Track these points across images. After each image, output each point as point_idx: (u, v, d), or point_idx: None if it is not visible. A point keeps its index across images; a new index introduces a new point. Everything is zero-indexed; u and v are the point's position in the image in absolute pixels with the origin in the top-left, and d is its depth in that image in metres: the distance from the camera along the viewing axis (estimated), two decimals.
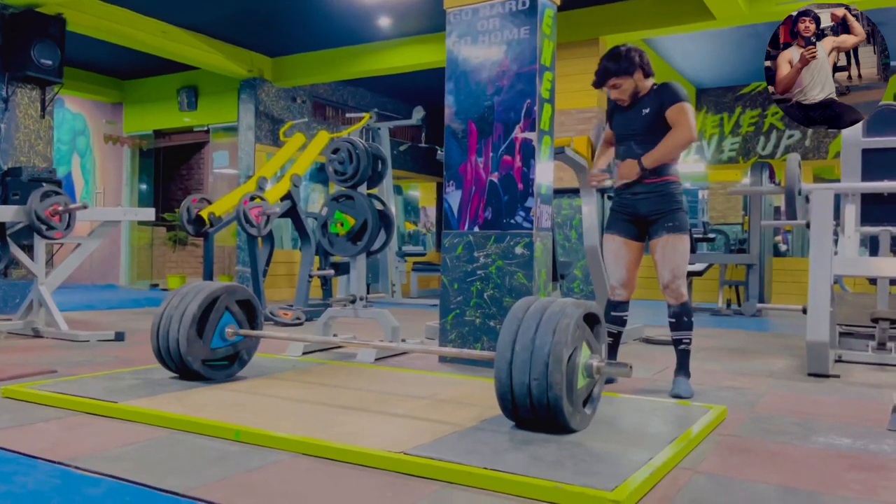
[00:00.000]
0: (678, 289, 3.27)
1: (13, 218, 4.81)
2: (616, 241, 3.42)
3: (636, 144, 3.30)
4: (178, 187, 11.65)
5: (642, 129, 3.28)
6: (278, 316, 6.15)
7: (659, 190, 3.27)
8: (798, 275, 8.74)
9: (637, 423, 2.59)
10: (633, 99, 3.32)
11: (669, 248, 3.25)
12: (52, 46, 6.74)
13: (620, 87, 3.28)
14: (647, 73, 3.31)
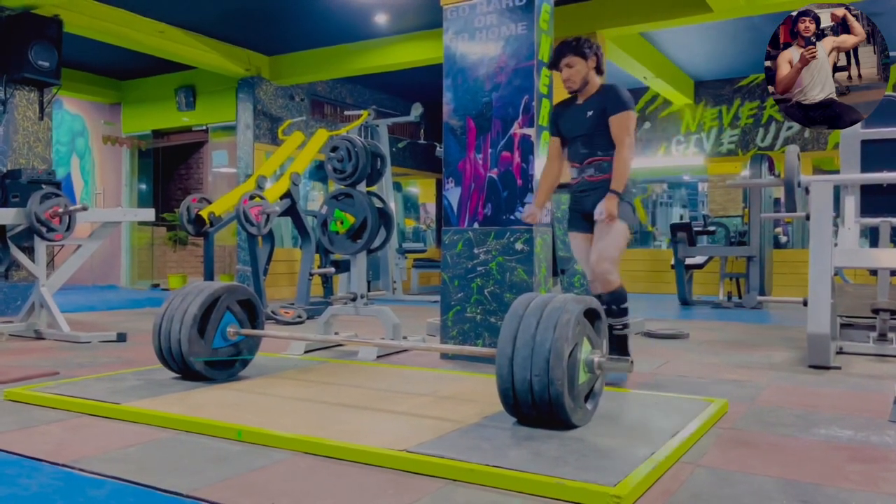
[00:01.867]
0: (604, 273, 3.28)
1: (13, 220, 4.81)
2: (577, 238, 3.53)
3: (581, 145, 3.39)
4: (177, 187, 11.65)
5: (586, 130, 3.35)
6: (279, 315, 6.16)
7: (601, 186, 3.34)
8: (798, 266, 8.74)
9: (639, 418, 2.59)
10: (581, 88, 3.37)
11: (599, 231, 3.32)
12: (50, 48, 6.74)
13: (574, 66, 3.33)
14: (599, 68, 3.39)
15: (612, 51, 7.86)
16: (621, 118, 3.26)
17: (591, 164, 3.38)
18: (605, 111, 3.29)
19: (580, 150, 3.40)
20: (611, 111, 3.28)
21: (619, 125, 3.26)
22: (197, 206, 6.62)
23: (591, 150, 3.36)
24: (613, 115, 3.27)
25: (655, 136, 11.07)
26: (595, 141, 3.34)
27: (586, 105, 3.38)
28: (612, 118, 3.27)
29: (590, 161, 3.38)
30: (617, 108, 3.27)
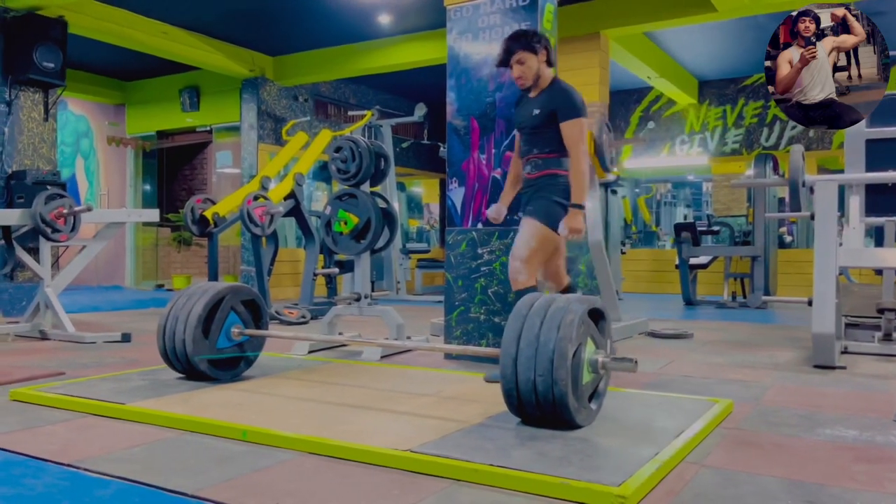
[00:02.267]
0: (513, 273, 3.29)
1: (18, 221, 4.83)
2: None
3: (524, 140, 3.39)
4: (181, 188, 11.68)
5: (531, 126, 3.33)
6: (283, 315, 6.16)
7: (536, 183, 3.34)
8: (803, 266, 8.72)
9: (643, 418, 2.59)
10: (534, 83, 3.32)
11: (520, 229, 3.33)
12: (54, 49, 6.76)
13: (524, 62, 3.26)
14: (549, 60, 3.32)
15: (615, 50, 7.86)
16: (574, 126, 3.21)
17: (529, 162, 3.36)
18: (554, 114, 3.24)
19: (523, 146, 3.42)
20: (562, 117, 3.22)
21: (571, 133, 3.21)
22: (201, 206, 6.63)
23: (530, 147, 3.35)
24: (565, 122, 3.22)
25: (659, 135, 11.06)
26: (536, 138, 3.32)
27: (536, 100, 3.33)
28: (563, 125, 3.22)
29: (528, 158, 3.37)
30: (569, 114, 3.21)
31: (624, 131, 11.18)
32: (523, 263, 3.26)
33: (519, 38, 3.28)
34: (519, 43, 3.26)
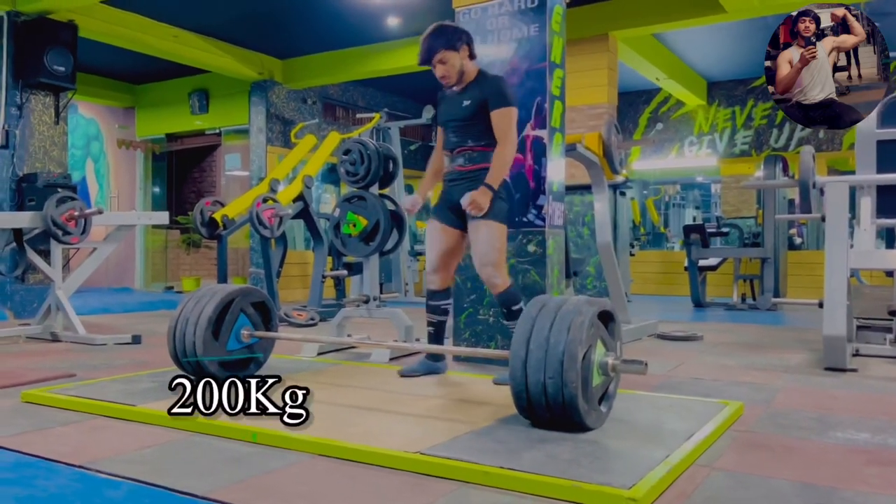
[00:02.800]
0: (489, 278, 3.22)
1: (30, 224, 4.86)
2: (434, 226, 3.40)
3: (453, 133, 3.29)
4: (190, 190, 11.72)
5: (460, 118, 3.24)
6: (292, 317, 6.18)
7: (470, 176, 3.24)
8: (813, 268, 8.67)
9: (653, 420, 2.58)
10: (458, 80, 3.26)
11: (476, 234, 3.21)
12: (65, 53, 6.80)
13: (447, 62, 3.20)
14: (472, 54, 3.27)
15: (624, 52, 7.85)
16: (504, 114, 3.16)
17: (462, 154, 3.27)
18: (485, 103, 3.18)
19: (451, 139, 3.32)
20: (493, 105, 3.16)
21: (501, 121, 3.16)
22: (210, 209, 6.66)
23: (462, 139, 3.26)
24: (496, 111, 3.16)
25: (668, 137, 11.03)
26: (468, 130, 3.24)
27: (464, 93, 3.26)
28: (494, 113, 3.16)
29: (460, 150, 3.27)
30: (499, 102, 3.16)
31: (632, 133, 11.16)
32: (496, 267, 3.21)
33: (440, 37, 3.20)
34: (440, 41, 3.19)
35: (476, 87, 3.24)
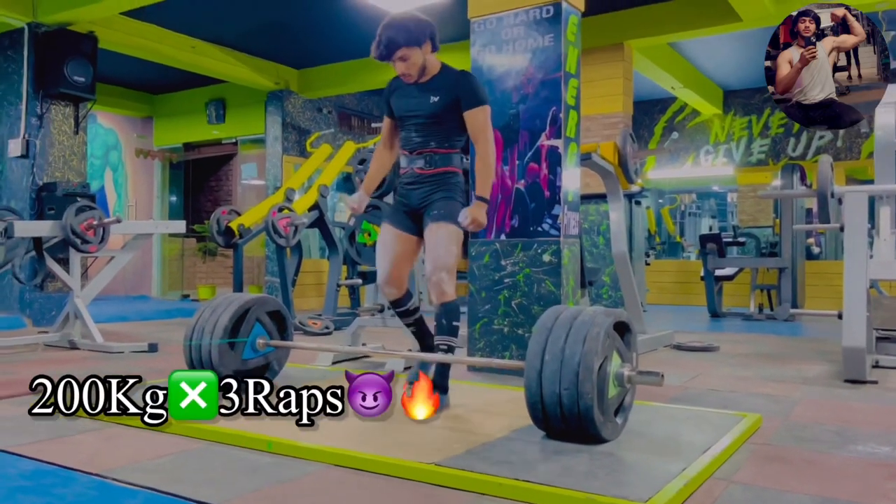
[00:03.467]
0: (440, 283, 2.91)
1: (49, 233, 4.91)
2: (388, 232, 3.12)
3: (415, 131, 3.00)
4: (207, 199, 11.81)
5: (427, 115, 2.96)
6: (307, 325, 6.19)
7: (430, 180, 2.99)
8: (832, 278, 8.57)
9: (670, 432, 2.56)
10: (419, 76, 2.97)
11: (433, 236, 2.94)
12: (85, 64, 6.89)
13: (409, 58, 2.90)
14: (434, 47, 2.98)
15: (639, 61, 7.83)
16: (479, 114, 2.92)
17: (422, 156, 2.99)
18: (459, 101, 2.91)
19: (413, 137, 3.02)
20: (466, 105, 2.91)
21: (478, 122, 2.93)
22: (226, 217, 6.70)
23: (425, 140, 2.98)
24: (470, 111, 2.91)
25: (683, 146, 10.98)
26: (433, 129, 2.97)
27: (429, 88, 2.96)
28: (468, 113, 2.92)
29: (421, 152, 2.99)
30: (474, 101, 2.91)
31: (648, 142, 11.12)
32: (450, 273, 2.93)
33: (401, 31, 2.88)
34: (401, 37, 2.88)
35: (443, 82, 2.96)
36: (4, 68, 6.95)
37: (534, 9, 3.99)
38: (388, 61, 2.95)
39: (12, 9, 6.52)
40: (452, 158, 3.02)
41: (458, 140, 3.03)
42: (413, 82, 2.99)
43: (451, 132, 2.99)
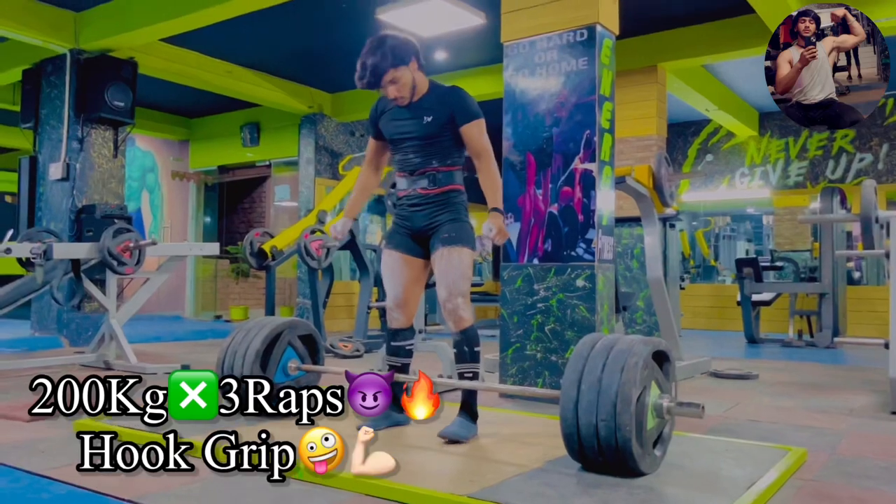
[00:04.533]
0: (456, 309, 2.83)
1: (87, 255, 4.99)
2: (392, 257, 3.04)
3: (413, 152, 2.94)
4: (240, 220, 11.95)
5: (423, 136, 2.91)
6: (338, 348, 6.19)
7: (436, 200, 2.93)
8: (875, 304, 8.34)
9: (710, 466, 2.47)
10: (411, 94, 2.92)
11: (445, 261, 2.85)
12: (125, 89, 7.04)
13: (399, 80, 2.85)
14: (420, 64, 2.93)
15: (672, 83, 7.76)
16: (475, 127, 2.88)
17: (425, 175, 2.93)
18: (454, 118, 2.87)
19: (411, 158, 2.95)
20: (462, 120, 2.87)
21: (475, 135, 2.88)
22: (259, 240, 6.76)
23: (426, 160, 2.92)
24: (466, 125, 2.87)
25: (718, 168, 10.83)
26: (432, 149, 2.91)
27: (421, 107, 2.92)
28: (464, 128, 2.87)
29: (423, 171, 2.93)
30: (468, 116, 2.88)
31: (682, 164, 10.99)
32: (465, 299, 2.85)
33: (385, 55, 2.82)
34: (387, 60, 2.82)
35: (434, 100, 2.92)
36: (47, 93, 7.14)
37: (567, 32, 3.97)
38: (377, 89, 2.91)
39: (55, 36, 6.71)
40: (455, 176, 2.98)
41: (458, 157, 2.99)
42: (405, 104, 2.95)
43: (450, 149, 2.94)
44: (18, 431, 3.03)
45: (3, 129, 10.11)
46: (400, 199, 3.04)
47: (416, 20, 6.01)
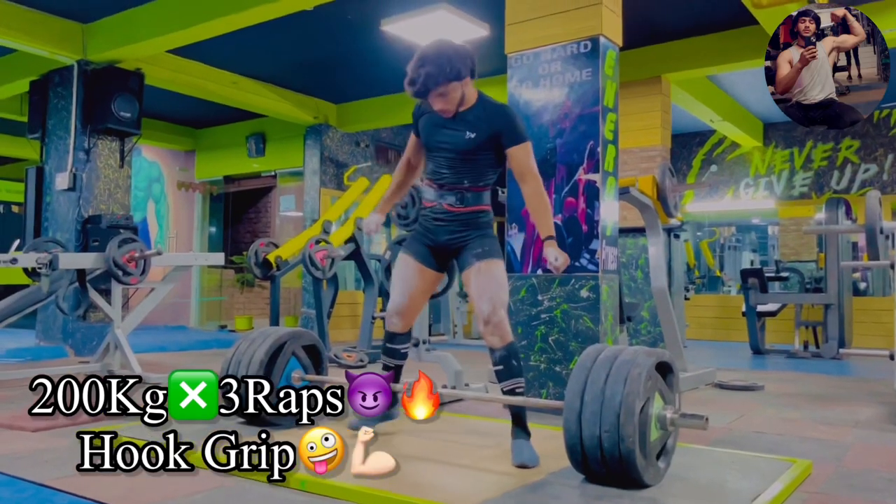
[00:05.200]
0: (501, 323, 2.72)
1: (93, 265, 5.01)
2: (407, 263, 2.96)
3: (446, 165, 2.82)
4: (246, 230, 11.98)
5: (461, 151, 2.78)
6: (342, 358, 6.18)
7: (463, 218, 2.84)
8: (879, 315, 8.30)
9: (714, 478, 2.46)
10: (456, 109, 2.78)
11: (484, 275, 2.77)
12: (131, 100, 7.09)
13: (449, 94, 2.70)
14: (473, 76, 2.79)
15: (677, 94, 7.77)
16: (524, 150, 2.76)
17: (454, 192, 2.82)
18: (500, 137, 2.74)
19: (444, 172, 2.84)
20: (509, 142, 2.74)
21: (522, 159, 2.76)
22: (264, 250, 6.77)
23: (458, 177, 2.81)
24: (514, 147, 2.74)
25: (723, 179, 10.83)
26: (467, 165, 2.79)
27: (466, 121, 2.77)
28: (511, 151, 2.75)
29: (452, 188, 2.82)
30: (517, 138, 2.75)
31: (686, 175, 10.99)
32: (506, 311, 2.78)
33: (443, 66, 2.64)
34: (443, 73, 2.65)
35: (480, 115, 2.77)
36: (54, 104, 7.19)
37: (571, 44, 3.99)
38: (424, 98, 2.77)
39: (63, 47, 6.77)
40: (484, 197, 2.89)
41: (491, 177, 2.91)
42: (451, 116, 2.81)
43: (485, 169, 2.83)
44: (23, 441, 3.04)
45: (11, 140, 10.19)
46: (424, 208, 2.95)
47: (421, 32, 6.03)
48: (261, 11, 5.77)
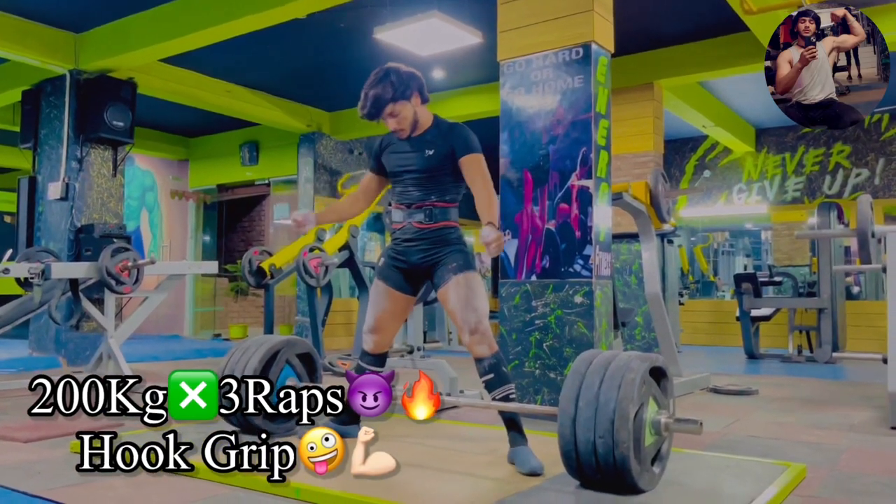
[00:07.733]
0: (487, 331, 2.78)
1: (85, 274, 4.99)
2: (379, 288, 3.06)
3: (413, 185, 2.94)
4: (239, 238, 11.97)
5: (423, 169, 2.91)
6: (336, 366, 6.17)
7: (433, 236, 2.92)
8: (873, 319, 8.33)
9: (710, 483, 2.46)
10: (412, 130, 2.93)
11: (463, 287, 2.82)
12: (124, 109, 7.08)
13: (399, 114, 2.87)
14: (424, 98, 2.95)
15: (669, 100, 7.81)
16: (474, 159, 2.87)
17: (422, 210, 2.92)
18: (454, 152, 2.88)
19: (411, 192, 2.95)
20: (461, 153, 2.87)
21: (473, 166, 2.87)
22: (258, 258, 6.76)
23: (425, 194, 2.92)
24: (465, 157, 2.87)
25: (716, 184, 10.87)
26: (431, 183, 2.91)
27: (422, 141, 2.93)
28: (463, 160, 2.87)
29: (420, 205, 2.92)
30: (468, 149, 2.88)
31: (679, 180, 11.03)
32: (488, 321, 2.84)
33: (387, 87, 2.85)
34: (387, 93, 2.85)
35: (437, 134, 2.93)
36: (47, 114, 7.18)
37: (563, 51, 4.01)
38: (377, 120, 2.91)
39: (55, 57, 6.76)
40: (451, 213, 2.97)
41: (456, 194, 3.00)
42: (406, 137, 2.95)
43: (449, 185, 2.94)
44: (15, 453, 3.02)
45: (3, 150, 10.16)
46: (394, 231, 3.03)
47: (414, 39, 6.05)
48: (253, 20, 5.78)
